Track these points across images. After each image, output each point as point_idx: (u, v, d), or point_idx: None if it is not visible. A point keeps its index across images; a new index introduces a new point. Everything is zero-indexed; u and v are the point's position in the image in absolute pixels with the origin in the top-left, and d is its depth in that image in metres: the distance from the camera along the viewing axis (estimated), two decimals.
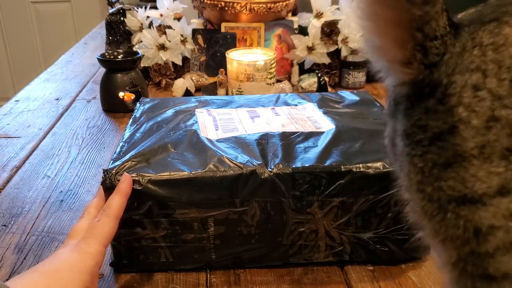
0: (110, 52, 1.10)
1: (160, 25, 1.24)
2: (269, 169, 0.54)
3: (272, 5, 1.19)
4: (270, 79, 1.06)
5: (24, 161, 0.86)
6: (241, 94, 1.05)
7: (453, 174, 0.32)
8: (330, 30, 1.17)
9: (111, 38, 1.33)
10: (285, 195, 0.55)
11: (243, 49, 1.12)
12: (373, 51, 0.37)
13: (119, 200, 0.51)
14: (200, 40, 1.23)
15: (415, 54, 0.34)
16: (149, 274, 0.57)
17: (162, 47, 1.19)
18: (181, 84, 1.12)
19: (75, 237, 0.48)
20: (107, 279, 0.57)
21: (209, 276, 0.57)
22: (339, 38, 1.18)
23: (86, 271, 0.45)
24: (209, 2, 1.19)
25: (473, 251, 0.32)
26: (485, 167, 0.31)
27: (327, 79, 1.15)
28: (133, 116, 0.71)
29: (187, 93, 1.12)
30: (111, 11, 1.32)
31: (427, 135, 0.33)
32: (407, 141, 0.35)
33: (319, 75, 1.13)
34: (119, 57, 1.09)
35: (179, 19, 1.24)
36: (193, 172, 0.54)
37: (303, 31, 1.23)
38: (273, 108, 0.74)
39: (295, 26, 1.23)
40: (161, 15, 1.26)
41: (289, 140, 0.61)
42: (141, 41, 1.21)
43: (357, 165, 0.55)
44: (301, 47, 1.18)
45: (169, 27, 1.22)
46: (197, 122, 0.67)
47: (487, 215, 0.31)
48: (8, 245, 0.63)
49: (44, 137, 0.96)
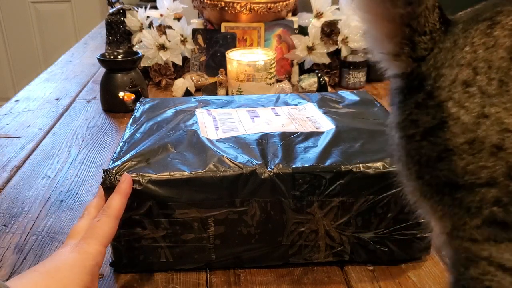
0: (110, 52, 1.10)
1: (160, 25, 1.24)
2: (269, 169, 0.54)
3: (272, 5, 1.19)
4: (270, 79, 1.06)
5: (24, 161, 0.86)
6: (241, 94, 1.05)
7: (446, 166, 0.34)
8: (330, 30, 1.17)
9: (111, 38, 1.33)
10: (285, 195, 0.55)
11: (243, 49, 1.12)
12: (370, 42, 0.38)
13: (119, 200, 0.51)
14: (200, 40, 1.23)
15: (404, 47, 0.36)
16: (149, 274, 0.57)
17: (162, 47, 1.19)
18: (181, 84, 1.12)
19: (75, 237, 0.48)
20: (107, 279, 0.57)
21: (209, 276, 0.57)
22: (339, 38, 1.18)
23: (86, 271, 0.45)
24: (209, 2, 1.19)
25: (465, 223, 0.35)
26: (474, 161, 0.33)
27: (327, 79, 1.15)
28: (133, 116, 0.71)
29: (187, 93, 1.12)
30: (111, 11, 1.32)
31: (419, 130, 0.35)
32: (401, 134, 0.37)
33: (319, 75, 1.13)
34: (119, 57, 1.09)
35: (179, 19, 1.24)
36: (193, 172, 0.54)
37: (303, 31, 1.23)
38: (273, 108, 0.74)
39: (295, 26, 1.23)
40: (161, 15, 1.26)
41: (289, 140, 0.61)
42: (141, 41, 1.21)
43: (357, 165, 0.55)
44: (301, 47, 1.18)
45: (169, 27, 1.22)
46: (197, 122, 0.67)
47: (477, 199, 0.34)
48: (8, 245, 0.63)
49: (44, 137, 0.96)
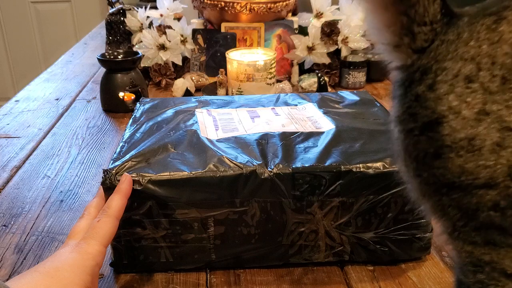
0: (110, 52, 1.10)
1: (160, 25, 1.24)
2: (269, 169, 0.54)
3: (272, 5, 1.19)
4: (270, 79, 1.06)
5: (24, 161, 0.86)
6: (241, 94, 1.05)
7: (442, 164, 0.33)
8: (330, 30, 1.17)
9: (111, 38, 1.33)
10: (285, 195, 0.55)
11: (243, 49, 1.11)
12: (372, 33, 0.38)
13: (119, 200, 0.51)
14: (200, 40, 1.23)
15: (403, 38, 0.35)
16: (149, 274, 0.57)
17: (162, 47, 1.19)
18: (181, 84, 1.12)
19: (75, 237, 0.48)
20: (107, 279, 0.57)
21: (209, 276, 0.57)
22: (339, 38, 1.18)
23: (86, 271, 0.45)
24: (209, 2, 1.19)
25: (464, 225, 0.35)
26: (473, 159, 0.32)
27: (327, 79, 1.15)
28: (133, 116, 0.71)
29: (187, 93, 1.12)
30: (111, 11, 1.32)
31: (417, 124, 0.34)
32: (400, 128, 0.36)
33: (319, 75, 1.13)
34: (119, 57, 1.09)
35: (179, 19, 1.24)
36: (193, 172, 0.54)
37: (303, 31, 1.23)
38: (273, 108, 0.74)
39: (295, 26, 1.23)
40: (161, 15, 1.26)
41: (289, 140, 0.61)
42: (141, 41, 1.21)
43: (357, 165, 0.55)
44: (301, 47, 1.18)
45: (169, 27, 1.22)
46: (197, 122, 0.67)
47: (473, 201, 0.33)
48: (8, 245, 0.63)
49: (44, 137, 0.96)
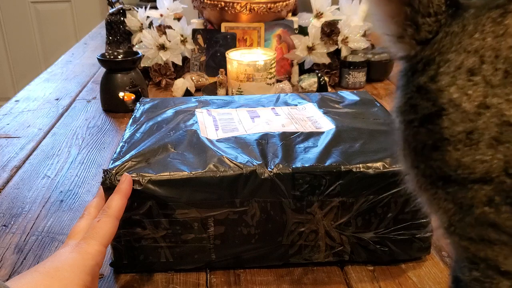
0: (110, 52, 1.10)
1: (160, 25, 1.24)
2: (269, 169, 0.54)
3: (272, 5, 1.19)
4: (270, 79, 1.06)
5: (24, 161, 0.86)
6: (241, 94, 1.05)
7: (439, 156, 0.33)
8: (330, 30, 1.17)
9: (111, 38, 1.33)
10: (285, 195, 0.55)
11: (243, 49, 1.11)
12: (377, 24, 0.38)
13: (119, 200, 0.51)
14: (200, 40, 1.23)
15: (407, 29, 0.35)
16: (149, 274, 0.57)
17: (162, 47, 1.19)
18: (181, 84, 1.12)
19: (75, 237, 0.48)
20: (107, 279, 0.57)
21: (209, 276, 0.57)
22: (339, 38, 1.18)
23: (86, 271, 0.45)
24: (209, 2, 1.19)
25: (460, 220, 0.35)
26: (470, 153, 0.32)
27: (327, 79, 1.15)
28: (133, 116, 0.71)
29: (187, 93, 1.12)
30: (111, 11, 1.32)
31: (417, 116, 0.34)
32: (401, 118, 0.36)
33: (319, 75, 1.13)
34: (119, 57, 1.09)
35: (179, 19, 1.24)
36: (193, 172, 0.54)
37: (303, 31, 1.23)
38: (273, 108, 0.74)
39: (295, 26, 1.23)
40: (161, 15, 1.26)
41: (289, 140, 0.61)
42: (141, 41, 1.21)
43: (357, 165, 0.55)
44: (301, 47, 1.18)
45: (169, 27, 1.22)
46: (197, 122, 0.67)
47: (468, 196, 0.33)
48: (8, 245, 0.63)
49: (44, 137, 0.96)
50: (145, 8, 1.28)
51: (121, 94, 1.04)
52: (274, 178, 0.54)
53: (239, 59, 1.05)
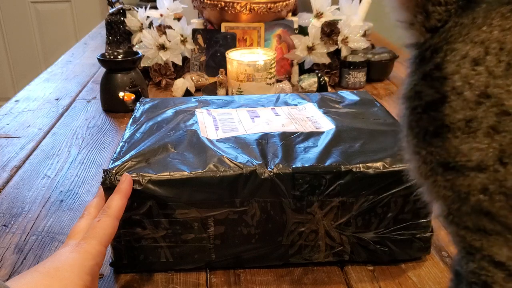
0: (110, 52, 1.10)
1: (160, 25, 1.24)
2: (269, 169, 0.54)
3: (272, 5, 1.19)
4: (270, 79, 1.06)
5: (24, 161, 0.86)
6: (241, 94, 1.05)
7: (440, 143, 0.34)
8: (330, 30, 1.17)
9: (111, 38, 1.33)
10: (285, 195, 0.55)
11: (243, 49, 1.12)
12: (392, 11, 0.39)
13: (119, 200, 0.51)
14: (200, 40, 1.23)
15: (417, 16, 0.36)
16: (149, 274, 0.57)
17: (162, 47, 1.19)
18: (181, 84, 1.12)
19: (75, 237, 0.48)
20: (107, 279, 0.57)
21: (209, 276, 0.57)
22: (339, 38, 1.18)
23: (86, 271, 0.45)
24: (209, 2, 1.19)
25: (458, 208, 0.35)
26: (468, 141, 0.33)
27: (327, 79, 1.15)
28: (133, 116, 0.71)
29: (187, 93, 1.12)
30: (111, 11, 1.32)
31: (421, 102, 0.35)
32: (406, 105, 0.37)
33: (319, 75, 1.13)
34: (119, 57, 1.09)
35: (179, 19, 1.24)
36: (193, 172, 0.54)
37: (303, 31, 1.23)
38: (273, 108, 0.74)
39: (295, 26, 1.23)
40: (161, 15, 1.26)
41: (289, 140, 0.61)
42: (141, 41, 1.21)
43: (357, 165, 0.55)
44: (301, 47, 1.18)
45: (169, 27, 1.22)
46: (197, 122, 0.67)
47: (465, 183, 0.34)
48: (8, 245, 0.63)
49: (44, 137, 0.96)
50: (145, 8, 1.28)
51: (121, 94, 1.04)
52: (274, 178, 0.54)
53: (239, 59, 1.05)
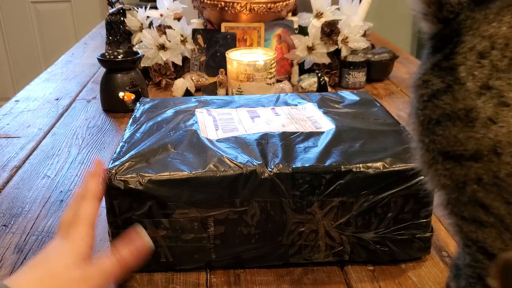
0: (110, 52, 1.10)
1: (160, 25, 1.24)
2: (269, 169, 0.54)
3: (272, 5, 1.19)
4: (270, 79, 1.06)
5: (24, 161, 0.86)
6: (241, 94, 1.05)
7: (441, 131, 0.35)
8: (330, 30, 1.17)
9: (111, 38, 1.33)
10: (285, 195, 0.55)
11: (243, 49, 1.12)
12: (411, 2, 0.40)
13: (94, 181, 0.52)
14: (200, 40, 1.23)
15: (431, 6, 0.37)
16: (149, 274, 0.57)
17: (162, 47, 1.19)
18: (181, 84, 1.12)
19: (62, 228, 0.50)
20: None
21: (209, 276, 0.57)
22: (339, 38, 1.18)
23: (76, 255, 0.46)
24: (209, 2, 1.19)
25: (456, 198, 0.36)
26: (466, 130, 0.34)
27: (327, 79, 1.15)
28: (133, 116, 0.71)
29: (187, 93, 1.12)
30: (111, 11, 1.32)
31: (427, 91, 0.36)
32: (415, 94, 0.38)
33: (319, 75, 1.13)
34: (119, 57, 1.09)
35: (179, 19, 1.24)
36: (193, 172, 0.54)
37: (303, 31, 1.23)
38: (273, 108, 0.74)
39: (295, 26, 1.23)
40: (161, 15, 1.26)
41: (289, 140, 0.61)
42: (141, 41, 1.21)
43: (357, 165, 0.55)
44: (301, 47, 1.18)
45: (169, 27, 1.22)
46: (197, 122, 0.67)
47: (462, 173, 0.35)
48: (8, 245, 0.63)
49: (44, 137, 0.96)
50: (145, 8, 1.28)
51: (121, 94, 1.04)
52: (274, 178, 0.54)
53: (239, 59, 1.05)
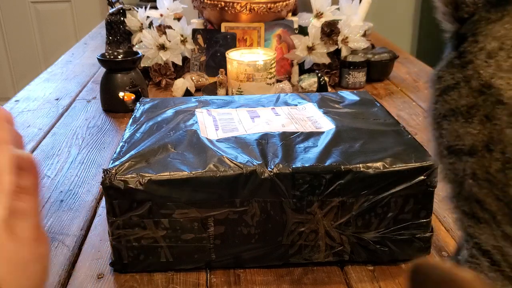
0: (110, 52, 1.10)
1: (160, 25, 1.24)
2: (269, 169, 0.54)
3: (272, 5, 1.19)
4: (270, 79, 1.06)
5: None
6: (241, 94, 1.05)
7: (446, 126, 0.37)
8: (330, 30, 1.17)
9: (111, 38, 1.33)
10: (285, 195, 0.55)
11: (243, 49, 1.11)
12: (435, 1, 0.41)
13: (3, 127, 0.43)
14: (200, 40, 1.23)
15: (448, 6, 0.38)
16: (149, 274, 0.57)
17: (162, 47, 1.19)
18: (181, 84, 1.12)
19: None
20: (107, 279, 0.57)
21: (209, 276, 0.57)
22: (339, 38, 1.18)
23: None
24: (209, 2, 1.19)
25: (459, 192, 0.38)
26: (465, 126, 0.36)
27: (327, 79, 1.15)
28: (133, 116, 0.71)
29: (187, 93, 1.12)
30: (111, 11, 1.32)
31: (440, 86, 0.38)
32: (431, 89, 0.40)
33: (319, 75, 1.13)
34: (119, 57, 1.09)
35: (179, 19, 1.24)
36: (193, 172, 0.54)
37: (303, 31, 1.23)
38: (273, 108, 0.74)
39: (295, 26, 1.23)
40: (161, 15, 1.26)
41: (289, 140, 0.61)
42: (141, 41, 1.21)
43: (357, 165, 0.55)
44: (301, 47, 1.18)
45: (169, 27, 1.22)
46: (197, 122, 0.67)
47: (461, 167, 0.36)
48: None
49: (44, 137, 0.96)
50: (145, 8, 1.28)
51: (121, 94, 1.04)
52: (274, 178, 0.54)
53: (239, 59, 1.05)
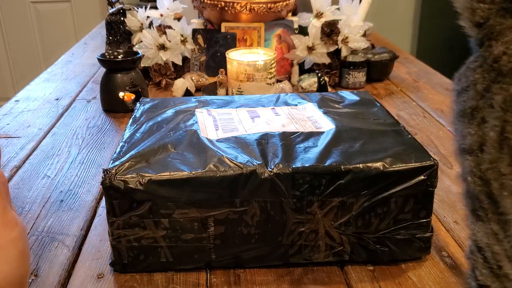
0: (110, 52, 1.10)
1: (160, 25, 1.24)
2: (269, 169, 0.54)
3: (272, 5, 1.19)
4: (270, 79, 1.06)
5: (24, 161, 0.86)
6: (241, 94, 1.05)
7: (457, 125, 0.39)
8: (330, 30, 1.17)
9: (111, 38, 1.33)
10: (285, 195, 0.55)
11: (243, 49, 1.12)
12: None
13: None
14: (200, 40, 1.23)
15: (465, 11, 0.39)
16: (149, 274, 0.57)
17: (162, 47, 1.20)
18: (181, 84, 1.12)
19: None
20: (107, 279, 0.57)
21: (209, 276, 0.57)
22: (339, 38, 1.18)
23: None
24: (209, 2, 1.19)
25: (468, 190, 0.39)
26: (467, 126, 0.38)
27: (327, 79, 1.15)
28: (133, 116, 0.71)
29: (187, 93, 1.12)
30: (111, 11, 1.32)
31: (458, 87, 0.40)
32: (453, 87, 0.41)
33: (319, 75, 1.13)
34: (119, 57, 1.09)
35: (179, 19, 1.24)
36: (193, 172, 0.54)
37: (303, 31, 1.23)
38: (273, 108, 0.74)
39: (295, 26, 1.23)
40: (161, 15, 1.26)
41: (289, 140, 0.61)
42: (141, 41, 1.22)
43: (357, 165, 0.55)
44: (301, 47, 1.18)
45: (169, 27, 1.22)
46: (197, 122, 0.67)
47: (465, 165, 0.39)
48: None
49: (44, 137, 0.96)
50: (145, 8, 1.28)
51: (121, 94, 1.04)
52: (274, 178, 0.54)
53: (239, 59, 1.05)
